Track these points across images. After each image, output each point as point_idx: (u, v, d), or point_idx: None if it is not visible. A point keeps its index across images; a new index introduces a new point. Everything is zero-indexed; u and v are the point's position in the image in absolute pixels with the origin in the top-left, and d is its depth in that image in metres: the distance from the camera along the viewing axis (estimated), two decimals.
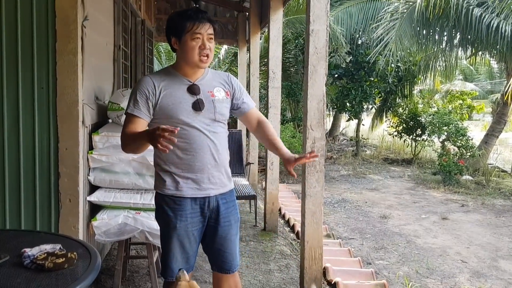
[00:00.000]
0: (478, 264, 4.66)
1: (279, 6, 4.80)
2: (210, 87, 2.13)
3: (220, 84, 2.18)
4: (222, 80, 2.21)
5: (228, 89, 2.19)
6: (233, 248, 2.23)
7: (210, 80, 2.16)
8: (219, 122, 2.12)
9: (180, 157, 2.07)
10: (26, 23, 2.78)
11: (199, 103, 2.06)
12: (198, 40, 2.02)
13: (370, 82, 11.44)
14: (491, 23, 8.64)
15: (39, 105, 2.83)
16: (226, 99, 2.16)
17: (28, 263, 1.70)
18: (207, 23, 2.04)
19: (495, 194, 8.24)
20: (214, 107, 2.09)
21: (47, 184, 2.88)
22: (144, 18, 5.98)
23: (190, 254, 2.16)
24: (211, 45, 2.06)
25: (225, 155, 2.18)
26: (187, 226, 2.11)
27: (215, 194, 2.14)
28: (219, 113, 2.11)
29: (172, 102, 2.03)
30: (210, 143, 2.08)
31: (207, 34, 2.03)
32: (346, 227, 5.96)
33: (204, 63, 2.06)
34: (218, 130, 2.13)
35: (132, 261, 3.77)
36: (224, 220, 2.18)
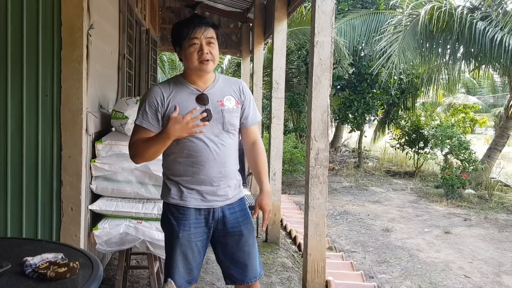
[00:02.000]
0: (481, 280, 4.61)
1: (283, 17, 4.81)
2: (220, 96, 2.07)
3: (232, 92, 2.12)
4: (233, 88, 2.14)
5: (238, 97, 2.13)
6: (247, 259, 2.16)
7: (220, 88, 2.10)
8: (228, 133, 2.07)
9: (186, 168, 2.05)
10: (32, 31, 2.79)
11: (208, 114, 2.00)
12: (196, 46, 1.98)
13: (372, 94, 11.46)
14: (494, 37, 8.66)
15: (43, 113, 2.82)
16: (236, 108, 2.10)
17: (29, 272, 1.68)
18: (204, 26, 1.99)
19: (498, 208, 8.19)
20: (223, 117, 2.04)
21: (49, 192, 2.87)
22: (149, 27, 6.01)
23: (193, 265, 2.11)
24: (211, 49, 2.00)
25: (233, 166, 2.13)
26: (190, 236, 2.07)
27: (220, 205, 2.10)
28: (229, 123, 2.06)
29: (180, 113, 1.98)
30: (216, 156, 2.04)
31: (205, 38, 1.99)
32: (348, 240, 5.91)
33: (206, 66, 2.00)
34: (227, 141, 2.07)
35: (132, 271, 3.74)
36: (233, 230, 2.13)
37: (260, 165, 2.22)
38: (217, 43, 2.04)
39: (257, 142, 2.23)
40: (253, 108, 2.20)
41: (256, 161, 2.22)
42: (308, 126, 3.10)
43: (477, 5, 10.36)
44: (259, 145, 2.23)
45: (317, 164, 3.05)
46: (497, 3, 9.95)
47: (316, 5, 2.97)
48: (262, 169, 2.22)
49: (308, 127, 3.12)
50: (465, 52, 10.17)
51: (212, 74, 2.11)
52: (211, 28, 2.02)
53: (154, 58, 6.69)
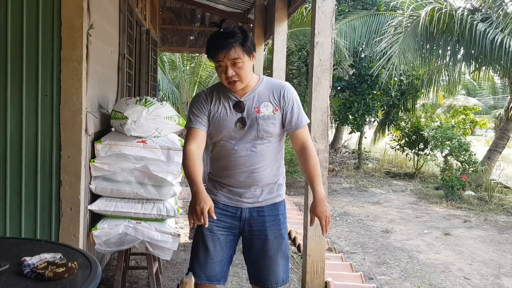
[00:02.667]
0: (481, 281, 4.60)
1: (284, 18, 4.82)
2: (258, 102, 2.09)
3: (270, 98, 2.10)
4: (274, 93, 2.11)
5: (277, 103, 2.10)
6: (270, 264, 2.17)
7: (260, 94, 2.10)
8: (263, 139, 2.08)
9: (219, 168, 2.15)
10: (31, 30, 2.79)
11: (242, 121, 2.06)
12: (222, 68, 2.02)
13: (372, 95, 11.45)
14: (495, 39, 8.66)
15: (42, 112, 2.82)
16: (273, 114, 2.09)
17: (28, 272, 1.68)
18: (227, 49, 1.97)
19: (498, 210, 8.17)
20: (258, 124, 2.06)
21: (49, 191, 2.87)
22: (149, 27, 6.01)
23: (214, 260, 2.14)
24: (238, 70, 2.00)
25: (267, 172, 2.13)
26: (213, 227, 2.09)
27: (247, 207, 2.14)
28: (263, 130, 2.07)
29: (219, 119, 2.08)
30: (246, 162, 2.08)
31: (229, 60, 1.98)
32: (348, 241, 5.90)
33: (234, 86, 2.04)
34: (259, 148, 2.08)
35: (131, 271, 3.74)
36: (259, 233, 2.16)
37: (310, 170, 2.15)
38: (245, 59, 2.01)
39: (305, 147, 2.17)
40: (297, 112, 2.14)
41: (306, 166, 2.16)
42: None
43: (478, 6, 10.37)
44: (309, 150, 2.16)
45: None
46: (497, 4, 9.95)
47: (316, 6, 2.98)
48: (314, 175, 2.14)
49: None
50: (466, 54, 10.17)
51: (253, 79, 2.12)
52: (237, 46, 1.98)
53: (154, 58, 6.69)
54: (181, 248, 4.13)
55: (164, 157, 3.14)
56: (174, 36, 8.61)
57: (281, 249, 2.20)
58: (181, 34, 8.67)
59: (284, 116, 2.12)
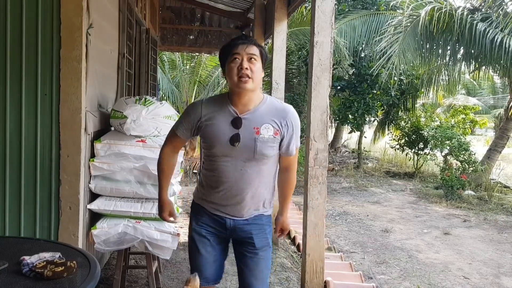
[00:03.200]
0: (480, 281, 4.60)
1: (283, 18, 4.81)
2: (259, 123, 1.99)
3: (272, 121, 2.01)
4: (277, 116, 2.03)
5: (278, 128, 2.02)
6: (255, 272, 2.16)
7: (262, 114, 2.01)
8: (257, 161, 2.02)
9: (209, 181, 2.13)
10: (31, 30, 2.79)
11: (236, 138, 1.98)
12: (237, 61, 1.95)
13: (372, 95, 11.45)
14: (495, 38, 8.65)
15: (42, 112, 2.82)
16: (273, 138, 2.01)
17: (27, 271, 1.68)
18: (248, 43, 1.97)
19: (497, 209, 8.18)
20: (255, 146, 1.98)
21: (48, 191, 2.87)
22: (149, 27, 6.01)
23: (208, 261, 2.15)
24: (253, 66, 1.95)
25: (254, 193, 2.08)
26: (201, 230, 2.16)
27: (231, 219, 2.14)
28: (260, 152, 1.99)
29: (213, 133, 2.02)
30: (236, 180, 2.04)
31: (246, 54, 1.95)
32: (347, 240, 5.91)
33: (244, 84, 1.94)
34: (252, 169, 2.03)
35: (130, 271, 3.73)
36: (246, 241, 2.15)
37: (286, 191, 2.24)
38: (260, 61, 1.99)
39: (290, 169, 2.19)
40: (296, 140, 2.10)
41: (284, 186, 2.23)
42: (308, 127, 3.10)
43: (478, 6, 10.36)
44: (291, 172, 2.20)
45: (316, 164, 3.05)
46: (497, 4, 9.94)
47: (316, 5, 2.97)
48: (288, 195, 2.25)
49: (307, 128, 3.11)
50: (465, 53, 10.16)
51: (257, 96, 2.04)
52: (255, 46, 1.99)
53: (154, 57, 6.69)
54: (180, 247, 4.13)
55: None
56: (174, 35, 8.60)
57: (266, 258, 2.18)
58: (180, 34, 8.66)
59: (283, 141, 2.06)
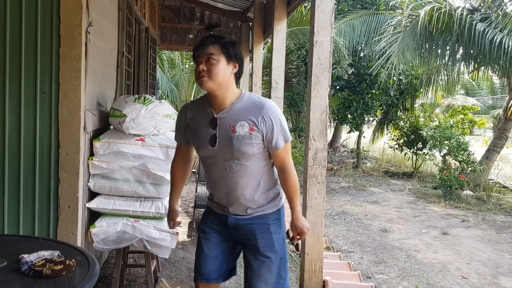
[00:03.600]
0: (478, 281, 4.61)
1: (283, 17, 4.81)
2: (234, 121, 1.99)
3: (247, 118, 1.99)
4: (253, 113, 2.00)
5: (254, 124, 1.99)
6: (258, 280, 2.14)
7: (237, 112, 2.00)
8: (239, 160, 2.01)
9: (208, 184, 2.25)
10: (30, 28, 2.78)
11: (214, 139, 2.01)
12: (198, 63, 2.00)
13: (371, 95, 11.46)
14: (494, 38, 8.66)
15: (40, 110, 2.82)
16: (249, 135, 1.98)
17: (25, 270, 1.68)
18: (208, 44, 1.99)
19: (496, 210, 8.19)
20: (232, 145, 1.98)
21: (47, 189, 2.86)
22: (148, 25, 6.00)
23: (209, 256, 2.18)
24: (210, 66, 1.95)
25: (247, 191, 2.08)
26: (205, 229, 2.22)
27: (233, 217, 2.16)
28: (238, 151, 1.98)
29: (195, 135, 2.11)
30: (224, 180, 2.09)
31: (204, 55, 1.97)
32: (346, 240, 5.91)
33: (201, 83, 1.97)
34: (236, 168, 2.03)
35: (129, 269, 3.73)
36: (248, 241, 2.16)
37: (289, 193, 2.15)
38: (221, 59, 1.97)
39: (285, 168, 2.12)
40: (278, 133, 2.03)
41: (285, 187, 2.15)
42: (307, 126, 3.10)
43: (477, 6, 10.37)
44: (287, 171, 2.12)
45: (315, 164, 3.06)
46: (496, 4, 9.95)
47: (316, 5, 2.97)
48: (292, 197, 2.14)
49: (306, 127, 3.12)
50: (465, 54, 10.17)
51: (232, 94, 2.03)
52: (215, 44, 1.98)
53: (153, 56, 6.69)
54: (179, 246, 4.13)
55: (163, 155, 3.14)
56: (173, 34, 8.61)
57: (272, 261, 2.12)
58: (180, 33, 8.67)
59: (265, 137, 2.02)
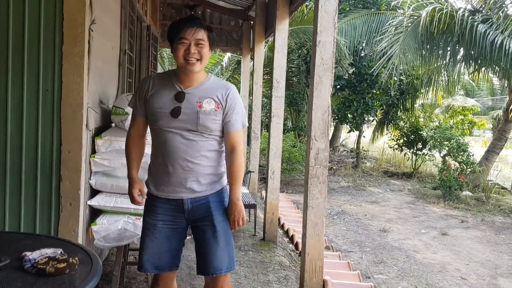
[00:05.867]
0: (477, 282, 4.62)
1: (285, 16, 4.80)
2: (201, 97, 2.11)
3: (214, 96, 2.12)
4: (219, 92, 2.14)
5: (220, 102, 2.13)
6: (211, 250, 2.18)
7: (205, 90, 2.13)
8: (201, 134, 2.11)
9: (157, 158, 2.19)
10: (33, 25, 2.78)
11: (177, 110, 2.08)
12: (184, 45, 2.06)
13: (372, 94, 11.46)
14: (495, 40, 8.67)
15: (43, 107, 2.82)
16: (215, 111, 2.11)
17: (28, 267, 1.67)
18: (195, 27, 2.05)
19: (495, 211, 8.21)
20: (198, 118, 2.08)
21: (48, 186, 2.86)
22: (150, 23, 5.99)
23: (160, 250, 2.18)
24: (201, 50, 2.06)
25: (205, 164, 2.14)
26: (157, 222, 2.18)
27: (188, 197, 2.16)
28: (202, 124, 2.09)
29: (156, 105, 2.12)
30: (186, 149, 2.11)
31: (194, 39, 2.05)
32: (345, 240, 5.92)
33: (191, 66, 2.06)
34: (197, 138, 2.11)
35: (130, 267, 3.73)
36: (202, 220, 2.18)
37: (232, 175, 2.21)
38: (207, 44, 2.09)
39: (234, 151, 2.19)
40: (237, 115, 2.17)
41: (230, 169, 2.22)
42: (308, 126, 3.10)
43: (478, 7, 10.37)
44: (236, 155, 2.19)
45: (317, 164, 3.05)
46: (498, 6, 9.96)
47: (319, 5, 2.97)
48: (234, 179, 2.21)
49: (308, 127, 3.11)
50: (465, 55, 10.18)
51: (202, 75, 2.16)
52: (203, 30, 2.08)
53: (154, 54, 6.68)
54: None
55: None
56: None
57: (224, 236, 2.20)
58: None
59: (224, 116, 2.14)
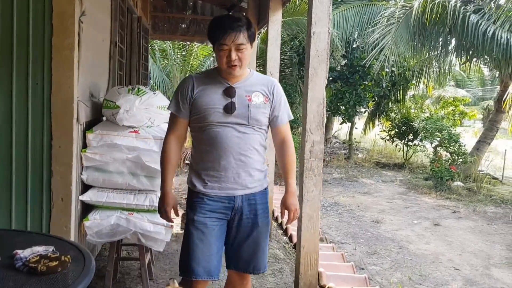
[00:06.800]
0: (470, 272, 4.65)
1: (278, 7, 4.75)
2: (249, 91, 2.13)
3: (261, 90, 2.16)
4: (264, 86, 2.18)
5: (267, 95, 2.17)
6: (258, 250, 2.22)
7: (251, 84, 2.16)
8: (252, 127, 2.13)
9: (207, 154, 2.13)
10: (22, 17, 2.71)
11: (231, 106, 2.08)
12: (225, 51, 2.04)
13: (364, 86, 11.45)
14: (487, 30, 8.68)
15: (33, 101, 2.75)
16: (264, 104, 2.15)
17: (20, 266, 1.64)
18: (236, 32, 2.01)
19: (486, 201, 8.27)
20: (249, 111, 2.10)
21: (39, 182, 2.81)
22: (140, 15, 5.91)
23: (212, 252, 2.14)
24: (241, 54, 2.05)
25: (255, 157, 2.16)
26: (206, 220, 2.14)
27: (240, 194, 2.15)
28: (253, 118, 2.11)
29: (206, 103, 2.10)
30: (238, 143, 2.10)
31: (235, 44, 2.02)
32: (339, 231, 5.93)
33: (234, 70, 2.07)
34: (249, 131, 2.12)
35: (123, 262, 3.70)
36: (249, 221, 2.18)
37: (287, 165, 2.26)
38: (249, 46, 2.07)
39: (285, 142, 2.27)
40: (284, 108, 2.24)
41: (284, 161, 2.27)
42: (304, 118, 3.07)
43: None
44: (288, 145, 2.27)
45: (312, 157, 3.03)
46: None
47: None
48: (289, 169, 2.26)
49: (303, 119, 3.09)
50: (457, 45, 10.20)
51: (245, 71, 2.17)
52: (244, 31, 2.04)
53: (145, 46, 6.60)
54: (173, 239, 4.10)
55: (157, 147, 3.09)
56: (166, 24, 8.47)
57: (267, 236, 2.27)
58: (172, 22, 8.53)
59: (272, 110, 2.19)
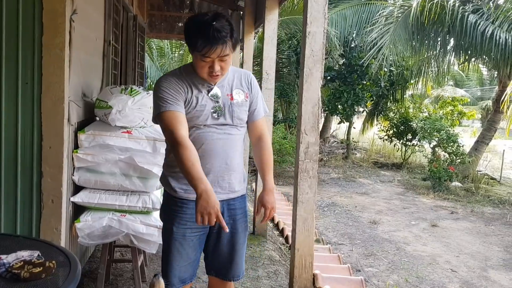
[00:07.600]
0: (468, 274, 4.61)
1: (275, 6, 4.71)
2: (229, 89, 2.02)
3: (240, 86, 2.06)
4: (243, 80, 2.08)
5: (247, 91, 2.08)
6: (234, 256, 2.15)
7: (230, 81, 2.04)
8: (237, 127, 2.04)
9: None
10: (11, 15, 2.65)
11: (219, 107, 1.98)
12: (207, 63, 1.88)
13: (362, 86, 11.41)
14: (486, 30, 8.64)
15: (22, 101, 2.70)
16: (245, 101, 2.06)
17: (3, 272, 1.59)
18: (222, 45, 1.83)
19: (484, 201, 8.23)
20: (233, 111, 2.01)
21: (29, 183, 2.76)
22: (136, 13, 5.86)
23: (187, 262, 2.07)
24: (224, 64, 1.90)
25: (238, 159, 2.08)
26: (186, 231, 2.03)
27: (222, 198, 2.02)
28: (237, 117, 2.02)
29: (197, 105, 1.95)
30: (223, 146, 2.00)
31: (218, 57, 1.86)
32: (335, 232, 5.89)
33: (215, 79, 1.96)
34: (233, 132, 2.03)
35: (116, 264, 3.66)
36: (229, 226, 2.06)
37: (264, 161, 2.14)
38: (231, 53, 1.91)
39: (263, 137, 2.15)
40: (260, 102, 2.14)
41: (261, 157, 2.15)
42: (298, 119, 3.03)
43: None
44: (265, 141, 2.15)
45: (306, 158, 2.99)
46: None
47: None
48: (267, 166, 2.14)
49: (298, 120, 3.04)
50: (456, 45, 10.16)
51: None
52: (228, 41, 1.85)
53: (141, 45, 6.54)
54: None
55: (150, 148, 3.05)
56: (163, 22, 8.43)
57: (245, 242, 2.20)
58: (169, 21, 8.49)
59: (250, 104, 2.09)
